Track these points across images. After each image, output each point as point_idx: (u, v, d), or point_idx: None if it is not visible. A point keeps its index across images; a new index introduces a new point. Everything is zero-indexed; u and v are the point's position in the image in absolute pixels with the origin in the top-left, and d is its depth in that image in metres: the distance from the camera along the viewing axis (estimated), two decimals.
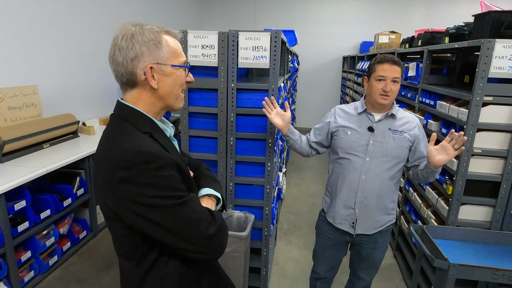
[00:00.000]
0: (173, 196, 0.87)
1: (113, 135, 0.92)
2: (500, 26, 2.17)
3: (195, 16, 7.90)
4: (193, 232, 0.89)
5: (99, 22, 4.09)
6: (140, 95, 0.95)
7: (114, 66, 0.93)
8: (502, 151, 1.98)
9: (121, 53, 0.90)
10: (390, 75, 1.62)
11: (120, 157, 0.83)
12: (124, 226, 0.90)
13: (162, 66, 0.93)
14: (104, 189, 0.87)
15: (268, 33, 2.00)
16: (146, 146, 0.86)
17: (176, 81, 0.97)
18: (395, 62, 1.63)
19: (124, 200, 0.85)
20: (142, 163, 0.83)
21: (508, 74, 1.86)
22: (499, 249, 1.94)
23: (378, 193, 1.72)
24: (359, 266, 1.93)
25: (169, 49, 0.94)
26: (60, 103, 3.51)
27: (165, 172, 0.86)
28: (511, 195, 2.02)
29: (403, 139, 1.69)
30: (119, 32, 0.92)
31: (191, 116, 2.24)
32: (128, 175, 0.83)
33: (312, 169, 5.55)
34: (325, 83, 8.45)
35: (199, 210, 0.92)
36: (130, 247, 0.94)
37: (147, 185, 0.83)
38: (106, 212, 0.91)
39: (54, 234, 2.69)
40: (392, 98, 1.66)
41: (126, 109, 0.95)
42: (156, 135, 0.94)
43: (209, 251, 0.93)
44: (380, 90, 1.64)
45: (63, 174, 3.00)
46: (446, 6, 7.52)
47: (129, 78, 0.92)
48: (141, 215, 0.85)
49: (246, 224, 2.14)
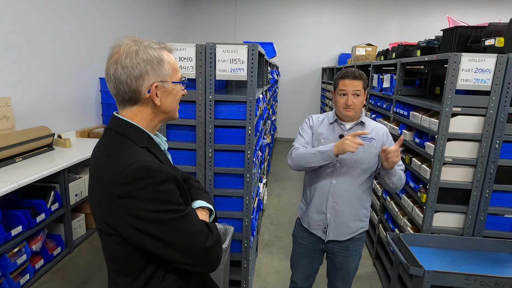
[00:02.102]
0: (173, 210, 0.88)
1: (111, 150, 0.92)
2: (466, 40, 2.29)
3: (176, 28, 7.91)
4: (192, 245, 0.90)
5: (75, 32, 4.03)
6: (141, 111, 0.96)
7: (116, 84, 0.92)
8: (471, 160, 2.06)
9: (124, 72, 0.90)
10: (350, 90, 1.71)
11: (121, 172, 0.84)
12: (122, 241, 0.89)
13: (165, 84, 0.96)
14: (102, 204, 0.87)
15: (245, 46, 2.03)
16: (147, 161, 0.87)
17: (176, 96, 1.01)
18: (355, 77, 1.71)
19: (124, 215, 0.85)
20: (144, 178, 0.84)
21: (474, 86, 1.95)
22: (472, 254, 2.00)
23: (349, 198, 1.77)
24: (334, 275, 1.95)
25: (170, 66, 0.97)
26: (34, 115, 3.42)
27: (165, 187, 0.87)
28: (481, 202, 2.10)
29: (372, 146, 1.76)
30: (121, 49, 0.91)
31: (169, 128, 2.23)
32: (130, 190, 0.83)
33: (293, 180, 5.58)
34: (306, 94, 8.59)
35: (197, 223, 0.93)
36: (126, 262, 0.93)
37: (148, 200, 0.84)
38: (104, 227, 0.91)
39: (26, 252, 2.58)
40: (356, 110, 1.74)
41: (124, 124, 0.95)
42: (153, 149, 0.96)
43: (207, 264, 0.94)
44: (343, 104, 1.73)
45: (36, 188, 2.90)
46: (419, 20, 7.84)
47: (132, 96, 0.93)
48: (142, 230, 0.85)
49: (226, 236, 2.13)
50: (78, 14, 4.07)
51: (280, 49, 7.47)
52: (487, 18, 5.88)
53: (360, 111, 1.78)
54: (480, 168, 2.05)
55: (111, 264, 0.97)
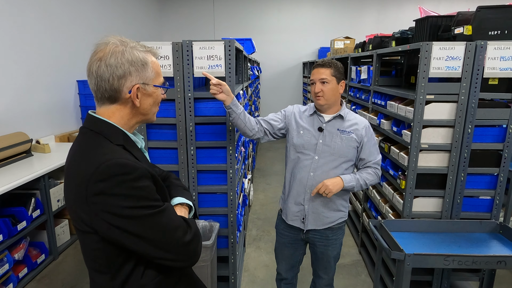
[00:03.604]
0: (149, 206, 0.88)
1: (86, 148, 0.92)
2: (437, 30, 2.36)
3: (153, 27, 7.80)
4: (170, 240, 0.91)
5: (50, 35, 3.93)
6: (119, 110, 0.97)
7: (97, 81, 0.92)
8: (446, 145, 2.13)
9: (108, 70, 0.91)
10: (317, 77, 1.76)
11: (95, 169, 0.84)
12: (99, 239, 0.90)
13: (146, 86, 0.97)
14: (78, 202, 0.87)
15: (222, 42, 2.03)
16: (122, 158, 0.88)
17: (156, 99, 1.02)
18: (322, 65, 1.76)
19: (100, 213, 0.85)
20: (119, 174, 0.85)
21: (446, 74, 2.02)
22: (450, 236, 2.07)
23: None
24: (317, 265, 1.99)
25: (153, 70, 0.98)
26: (11, 122, 3.33)
27: (141, 183, 0.88)
28: (457, 185, 2.18)
29: (350, 139, 1.79)
30: (107, 47, 0.92)
31: (150, 127, 2.21)
32: (105, 187, 0.83)
33: (279, 174, 5.62)
34: (287, 89, 8.64)
35: (175, 218, 0.94)
36: (104, 260, 0.93)
37: (124, 197, 0.85)
38: (81, 226, 0.91)
39: (8, 261, 2.52)
40: (326, 98, 1.76)
41: (98, 122, 0.95)
42: (129, 147, 0.96)
43: (186, 258, 0.95)
44: (313, 93, 1.78)
45: (16, 196, 2.83)
46: (395, 11, 7.98)
47: (112, 94, 0.94)
48: (119, 226, 0.86)
49: (211, 233, 2.13)
50: (52, 16, 3.97)
51: (260, 45, 7.48)
52: (459, 7, 6.03)
53: (332, 99, 1.77)
54: (455, 152, 2.12)
55: (90, 263, 0.97)
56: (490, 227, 2.06)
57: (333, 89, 1.75)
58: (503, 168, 2.14)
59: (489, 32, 2.09)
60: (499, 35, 2.08)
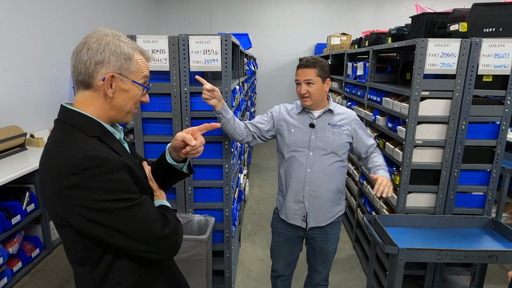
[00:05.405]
0: (125, 199, 0.87)
1: (59, 141, 0.90)
2: (433, 27, 2.36)
3: (150, 21, 7.74)
4: (148, 233, 0.90)
5: (45, 28, 3.89)
6: (92, 98, 0.94)
7: (75, 62, 0.91)
8: (440, 141, 2.15)
9: (88, 53, 0.90)
10: (302, 79, 1.74)
11: (68, 162, 0.82)
12: (75, 232, 0.89)
13: (124, 79, 0.94)
14: (52, 196, 0.86)
15: (218, 37, 2.03)
16: (95, 150, 0.85)
17: (132, 97, 0.98)
18: (306, 66, 1.73)
19: (74, 206, 0.83)
20: (92, 167, 0.83)
21: (441, 70, 2.03)
22: (443, 231, 2.10)
23: (325, 185, 1.81)
24: (314, 260, 2.00)
25: (136, 66, 0.96)
26: (5, 115, 3.29)
27: (116, 175, 0.86)
28: (450, 181, 2.20)
29: (342, 132, 1.80)
30: (96, 34, 0.92)
31: (145, 122, 2.21)
32: (78, 181, 0.82)
33: (274, 170, 5.63)
34: (284, 85, 8.63)
35: (152, 211, 0.93)
36: (83, 252, 0.92)
37: (98, 190, 0.83)
38: (56, 219, 0.90)
39: (3, 255, 2.51)
40: (313, 98, 1.76)
41: (71, 113, 0.93)
42: (105, 139, 0.93)
43: (164, 251, 0.95)
44: (299, 94, 1.77)
45: (10, 190, 2.81)
46: (393, 8, 7.97)
47: (85, 78, 0.92)
48: (93, 220, 0.84)
49: (207, 227, 2.14)
50: (47, 8, 3.92)
51: (257, 41, 7.45)
52: (456, 4, 6.05)
53: (319, 99, 1.78)
54: (449, 149, 2.14)
55: (69, 255, 0.97)
56: (482, 223, 2.09)
57: (319, 89, 1.75)
58: (495, 164, 2.17)
59: (484, 29, 2.11)
60: (494, 32, 2.09)
